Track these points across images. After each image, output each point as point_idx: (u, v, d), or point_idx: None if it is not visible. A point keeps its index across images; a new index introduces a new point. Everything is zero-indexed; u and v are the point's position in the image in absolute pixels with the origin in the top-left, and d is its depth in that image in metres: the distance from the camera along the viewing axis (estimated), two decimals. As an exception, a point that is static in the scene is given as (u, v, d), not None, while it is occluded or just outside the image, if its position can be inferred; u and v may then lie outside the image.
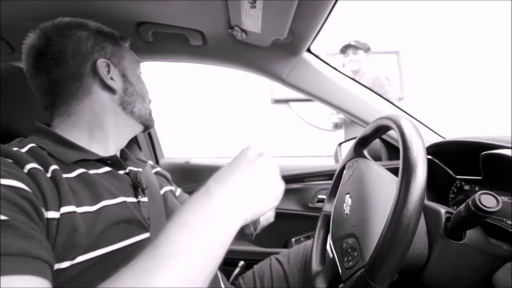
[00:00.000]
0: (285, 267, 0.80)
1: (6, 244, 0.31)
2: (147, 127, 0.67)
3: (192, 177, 1.32)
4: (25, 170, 0.42)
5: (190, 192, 1.01)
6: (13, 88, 0.63)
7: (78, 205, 0.44)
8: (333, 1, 0.66)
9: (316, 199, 1.19)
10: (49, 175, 0.44)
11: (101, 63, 0.56)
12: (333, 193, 0.70)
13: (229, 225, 0.36)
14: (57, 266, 0.39)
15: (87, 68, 0.56)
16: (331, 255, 0.54)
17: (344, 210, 0.56)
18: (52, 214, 0.40)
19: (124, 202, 0.52)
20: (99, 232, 0.44)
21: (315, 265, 0.64)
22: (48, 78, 0.54)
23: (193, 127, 4.06)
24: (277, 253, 0.88)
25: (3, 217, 0.33)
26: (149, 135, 1.42)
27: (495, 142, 0.56)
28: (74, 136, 0.54)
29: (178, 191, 0.80)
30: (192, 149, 3.84)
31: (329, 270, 0.55)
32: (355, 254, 0.45)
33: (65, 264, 0.40)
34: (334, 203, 0.64)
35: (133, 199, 0.55)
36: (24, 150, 0.46)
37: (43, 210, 0.40)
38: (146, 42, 0.87)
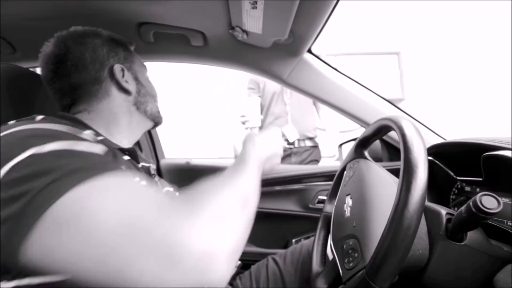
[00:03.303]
0: (281, 267, 0.80)
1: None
2: (157, 123, 0.73)
3: (193, 178, 1.31)
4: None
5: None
6: (13, 88, 0.64)
7: None
8: (334, 2, 0.66)
9: (316, 200, 1.19)
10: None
11: (117, 68, 0.61)
12: (333, 194, 0.70)
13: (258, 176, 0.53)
14: None
15: (105, 73, 0.61)
16: (331, 256, 0.54)
17: (345, 211, 0.56)
18: None
19: None
20: None
21: (316, 266, 0.64)
22: (69, 82, 0.59)
23: (194, 127, 4.06)
24: (276, 253, 0.88)
25: None
26: (150, 135, 1.42)
27: (496, 143, 0.56)
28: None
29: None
30: (193, 150, 3.85)
31: (329, 271, 0.55)
32: (356, 255, 0.45)
33: None
34: (335, 204, 0.64)
35: None
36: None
37: None
38: (147, 43, 0.87)
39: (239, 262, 0.86)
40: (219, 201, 0.39)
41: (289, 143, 1.74)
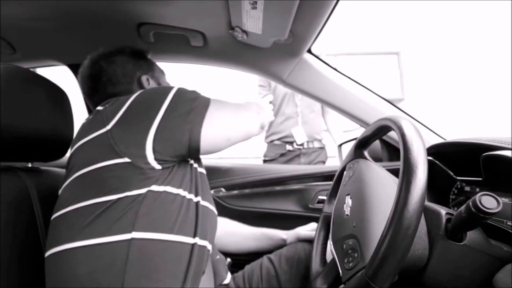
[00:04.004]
0: (276, 265, 0.79)
1: None
2: None
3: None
4: None
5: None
6: (13, 88, 0.64)
7: None
8: (334, 2, 0.66)
9: (316, 200, 1.19)
10: None
11: (143, 78, 0.72)
12: (333, 194, 0.70)
13: None
14: None
15: (135, 84, 0.72)
16: (331, 256, 0.54)
17: (345, 211, 0.56)
18: None
19: None
20: None
21: (316, 266, 0.64)
22: (106, 93, 0.69)
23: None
24: (271, 252, 0.87)
25: None
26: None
27: (495, 143, 0.56)
28: None
29: None
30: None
31: (329, 271, 0.55)
32: (356, 255, 0.45)
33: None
34: (335, 204, 0.64)
35: None
36: None
37: None
38: (147, 43, 0.87)
39: (228, 259, 0.86)
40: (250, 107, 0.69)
41: (298, 144, 1.75)
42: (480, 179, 0.61)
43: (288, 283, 0.75)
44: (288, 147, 1.76)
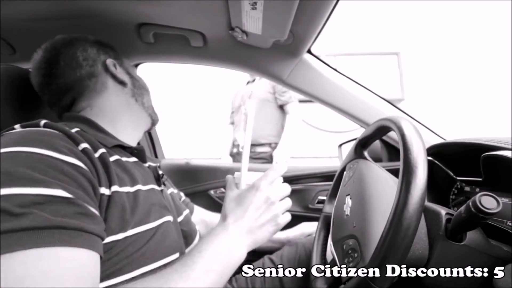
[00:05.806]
0: (278, 265, 0.80)
1: (65, 220, 0.36)
2: (154, 121, 0.74)
3: (193, 178, 1.31)
4: (80, 148, 0.46)
5: (190, 193, 1.00)
6: (13, 89, 0.64)
7: (120, 185, 0.49)
8: (334, 2, 0.66)
9: (316, 200, 1.19)
10: (97, 155, 0.49)
11: (109, 62, 0.65)
12: (333, 194, 0.70)
13: (239, 257, 0.52)
14: (112, 238, 0.45)
15: (99, 67, 0.63)
16: (331, 257, 0.54)
17: (345, 211, 0.56)
18: (103, 191, 0.45)
19: (153, 189, 0.59)
20: (140, 211, 0.50)
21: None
22: (65, 81, 0.61)
23: (193, 128, 4.07)
24: (272, 252, 0.87)
25: (67, 195, 0.38)
26: (150, 136, 1.42)
27: (495, 144, 0.56)
28: None
29: (183, 197, 0.85)
30: (192, 150, 3.85)
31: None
32: (356, 255, 0.45)
33: (120, 236, 0.46)
34: (335, 204, 0.64)
35: (158, 188, 0.62)
36: (73, 131, 0.49)
37: (97, 186, 0.45)
38: (147, 43, 0.87)
39: None
40: None
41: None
42: (480, 179, 0.61)
43: (290, 283, 0.75)
44: (235, 150, 2.06)
